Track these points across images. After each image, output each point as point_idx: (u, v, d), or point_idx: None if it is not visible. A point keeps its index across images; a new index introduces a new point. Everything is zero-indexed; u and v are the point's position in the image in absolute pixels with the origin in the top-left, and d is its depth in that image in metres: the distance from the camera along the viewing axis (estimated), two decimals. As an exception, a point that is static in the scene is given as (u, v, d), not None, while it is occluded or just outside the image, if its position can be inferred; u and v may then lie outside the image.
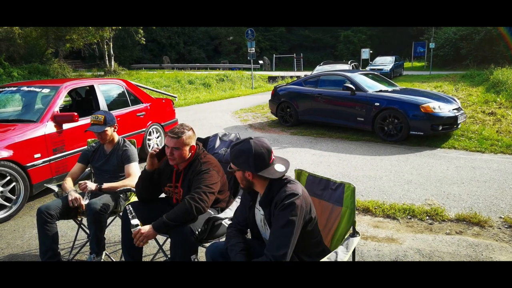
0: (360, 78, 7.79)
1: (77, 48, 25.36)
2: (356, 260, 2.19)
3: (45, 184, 3.36)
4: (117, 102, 5.81)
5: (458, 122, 6.58)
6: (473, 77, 15.47)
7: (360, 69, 19.12)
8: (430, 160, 5.58)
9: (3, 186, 3.92)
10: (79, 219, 2.99)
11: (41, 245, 2.70)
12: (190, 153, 2.48)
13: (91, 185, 2.84)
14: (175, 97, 8.69)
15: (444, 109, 6.50)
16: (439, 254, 3.04)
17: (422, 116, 6.40)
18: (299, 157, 6.06)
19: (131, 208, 2.31)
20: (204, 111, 11.69)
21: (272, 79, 22.37)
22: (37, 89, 5.02)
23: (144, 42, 26.35)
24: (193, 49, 41.46)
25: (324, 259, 1.78)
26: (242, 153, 1.84)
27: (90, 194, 2.85)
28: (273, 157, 1.88)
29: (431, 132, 6.41)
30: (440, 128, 6.38)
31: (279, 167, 1.86)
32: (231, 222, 2.19)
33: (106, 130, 3.06)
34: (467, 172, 4.97)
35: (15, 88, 5.31)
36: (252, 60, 18.71)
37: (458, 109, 6.81)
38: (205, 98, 15.08)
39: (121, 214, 2.91)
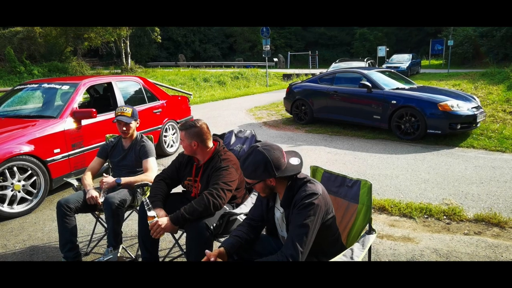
0: (376, 75, 7.70)
1: (95, 47, 25.87)
2: (371, 258, 2.17)
3: (64, 178, 3.44)
4: (134, 99, 5.89)
5: (477, 120, 6.44)
6: (494, 75, 15.06)
7: (377, 66, 18.88)
8: (447, 159, 5.48)
9: (24, 180, 4.03)
10: (97, 213, 3.06)
11: (60, 238, 2.77)
12: (194, 148, 2.52)
13: (110, 180, 2.90)
14: (191, 94, 8.74)
15: (463, 108, 6.37)
16: (457, 254, 2.98)
17: (439, 114, 6.29)
18: (314, 155, 6.03)
19: (148, 201, 2.35)
20: (218, 108, 11.74)
21: (287, 76, 22.29)
22: (57, 86, 5.13)
23: (160, 41, 26.67)
24: (208, 47, 41.63)
25: (340, 256, 1.77)
26: (259, 165, 1.79)
27: (107, 190, 2.90)
28: (285, 154, 1.88)
29: (449, 131, 6.30)
30: (459, 126, 6.26)
31: (294, 161, 1.87)
32: (246, 216, 2.20)
33: (131, 123, 3.16)
34: (487, 172, 4.86)
35: (36, 85, 5.43)
36: (267, 58, 18.67)
37: (477, 107, 6.66)
38: (220, 96, 15.15)
39: (138, 208, 2.96)
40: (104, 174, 3.03)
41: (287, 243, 1.71)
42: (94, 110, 4.64)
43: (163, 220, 2.25)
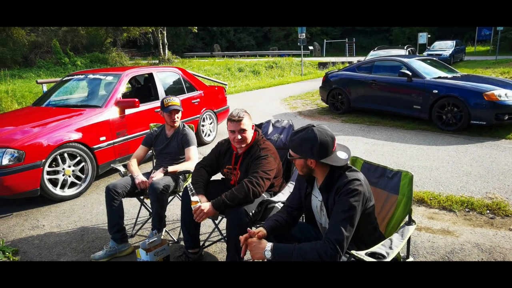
0: (417, 63, 7.44)
1: (133, 37, 26.58)
2: (410, 250, 2.16)
3: (112, 165, 3.63)
4: (174, 89, 6.06)
5: (528, 111, 6.09)
6: (547, 62, 14.10)
7: (417, 54, 18.16)
8: (492, 152, 5.25)
9: (74, 165, 4.30)
10: (142, 197, 3.22)
11: (109, 220, 2.95)
12: (252, 134, 2.61)
13: (159, 175, 3.03)
14: (226, 84, 8.83)
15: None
16: (501, 250, 2.89)
17: (485, 104, 6.01)
18: (351, 146, 5.96)
19: (191, 186, 2.47)
20: (253, 98, 11.80)
21: (322, 65, 21.94)
22: (101, 77, 5.39)
23: (196, 31, 26.99)
24: (243, 36, 41.69)
25: (379, 245, 1.79)
26: (306, 142, 1.82)
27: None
28: (335, 145, 1.88)
29: (495, 122, 6.01)
30: (506, 117, 5.96)
31: (341, 155, 1.86)
32: (284, 204, 2.25)
33: (180, 112, 3.32)
34: (536, 165, 4.62)
35: (82, 76, 5.73)
36: (302, 46, 18.45)
37: (528, 97, 6.29)
38: (254, 86, 15.19)
39: (180, 194, 3.09)
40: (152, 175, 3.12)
41: (331, 228, 1.74)
42: (137, 100, 4.83)
43: (206, 205, 2.37)
